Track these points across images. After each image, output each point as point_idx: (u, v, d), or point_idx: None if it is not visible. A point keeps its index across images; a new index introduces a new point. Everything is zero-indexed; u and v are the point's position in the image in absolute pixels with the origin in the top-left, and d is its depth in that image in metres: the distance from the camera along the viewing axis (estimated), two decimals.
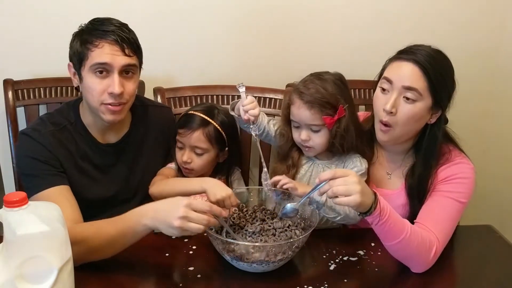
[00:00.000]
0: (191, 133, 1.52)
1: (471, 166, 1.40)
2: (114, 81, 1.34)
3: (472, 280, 1.30)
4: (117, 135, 1.50)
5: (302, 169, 1.52)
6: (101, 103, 1.36)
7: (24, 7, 1.84)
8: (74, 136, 1.44)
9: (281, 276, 1.25)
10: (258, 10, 1.98)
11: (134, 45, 1.37)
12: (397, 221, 1.21)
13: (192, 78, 1.98)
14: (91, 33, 1.34)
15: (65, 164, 1.40)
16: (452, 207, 1.34)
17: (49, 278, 0.98)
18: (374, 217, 1.18)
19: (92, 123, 1.45)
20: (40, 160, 1.35)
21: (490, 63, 2.18)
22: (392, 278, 1.26)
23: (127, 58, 1.35)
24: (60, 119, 1.44)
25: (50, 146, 1.37)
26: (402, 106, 1.33)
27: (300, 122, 1.42)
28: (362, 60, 2.03)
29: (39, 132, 1.38)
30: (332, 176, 1.16)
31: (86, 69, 1.34)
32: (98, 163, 1.47)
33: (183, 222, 1.14)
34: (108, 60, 1.33)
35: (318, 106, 1.38)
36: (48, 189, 1.32)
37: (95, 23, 1.37)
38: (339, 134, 1.41)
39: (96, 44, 1.32)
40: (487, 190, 2.24)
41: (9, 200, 0.95)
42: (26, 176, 1.38)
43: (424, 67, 1.31)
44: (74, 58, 1.37)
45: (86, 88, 1.36)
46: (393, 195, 1.47)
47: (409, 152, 1.47)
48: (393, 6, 2.05)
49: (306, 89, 1.40)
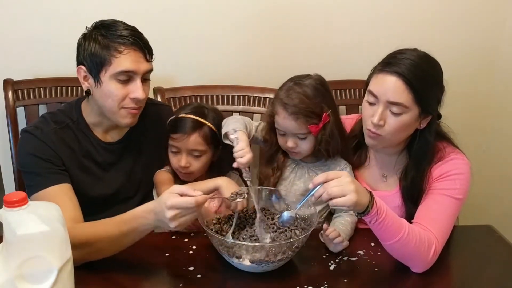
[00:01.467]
0: (187, 137, 1.49)
1: (466, 161, 1.39)
2: (138, 87, 1.35)
3: (472, 280, 1.30)
4: (119, 133, 1.51)
5: (286, 171, 1.54)
6: (122, 107, 1.37)
7: (24, 7, 1.84)
8: (77, 134, 1.44)
9: (281, 276, 1.25)
10: (258, 10, 1.98)
11: (151, 50, 1.39)
12: (394, 219, 1.21)
13: (192, 78, 1.98)
14: (112, 38, 1.32)
15: (68, 162, 1.40)
16: (449, 204, 1.34)
17: (49, 278, 0.98)
18: (371, 216, 1.18)
19: (97, 122, 1.45)
20: (42, 158, 1.35)
21: (490, 62, 2.18)
22: (392, 278, 1.26)
23: (148, 64, 1.38)
24: (63, 118, 1.44)
25: (52, 144, 1.37)
26: (389, 118, 1.33)
27: (286, 131, 1.43)
28: (362, 60, 2.01)
29: (41, 130, 1.38)
30: (325, 179, 1.16)
31: (107, 75, 1.33)
32: (100, 161, 1.48)
33: (176, 221, 1.15)
34: (134, 68, 1.33)
35: (303, 117, 1.39)
36: (50, 187, 1.33)
37: (107, 25, 1.35)
38: (324, 140, 1.43)
39: (121, 51, 1.32)
40: (487, 190, 2.24)
41: (9, 200, 0.95)
42: (27, 174, 1.38)
43: (408, 79, 1.28)
44: (89, 61, 1.34)
45: (105, 93, 1.35)
46: (390, 196, 1.46)
47: (402, 153, 1.46)
48: (393, 6, 2.05)
49: (290, 99, 1.39)
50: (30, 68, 1.89)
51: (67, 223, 1.16)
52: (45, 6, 1.85)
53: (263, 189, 1.46)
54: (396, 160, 1.47)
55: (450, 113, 1.42)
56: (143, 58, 1.36)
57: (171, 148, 1.53)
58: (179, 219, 1.15)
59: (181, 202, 1.14)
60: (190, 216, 1.16)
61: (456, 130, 1.46)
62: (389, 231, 1.21)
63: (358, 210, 1.18)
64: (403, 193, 1.43)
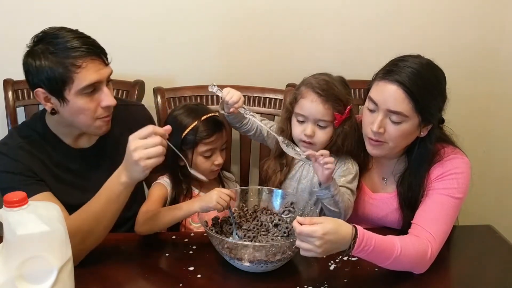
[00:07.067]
0: (219, 135, 1.50)
1: (465, 160, 1.39)
2: (107, 95, 1.32)
3: (472, 280, 1.30)
4: (90, 139, 1.47)
5: (293, 169, 1.53)
6: (96, 118, 1.34)
7: (24, 7, 1.84)
8: (45, 146, 1.40)
9: (281, 276, 1.25)
10: (258, 10, 1.98)
11: (104, 51, 1.33)
12: (384, 244, 1.20)
13: (192, 78, 1.98)
14: (64, 53, 1.25)
15: (41, 174, 1.36)
16: (448, 204, 1.33)
17: (49, 278, 0.98)
18: (357, 252, 1.17)
19: (66, 132, 1.41)
20: (15, 172, 1.32)
21: (490, 63, 2.18)
22: (392, 278, 1.26)
23: (108, 67, 1.33)
24: (28, 132, 1.40)
25: (21, 158, 1.34)
26: (389, 126, 1.32)
27: (310, 116, 1.41)
28: (362, 60, 2.03)
29: (8, 146, 1.36)
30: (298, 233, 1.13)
31: (72, 93, 1.28)
32: (75, 169, 1.44)
33: (139, 152, 1.15)
34: (98, 78, 1.29)
35: (332, 101, 1.39)
36: (31, 197, 1.26)
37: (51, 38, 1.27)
38: (343, 133, 1.42)
39: (79, 65, 1.25)
40: (487, 190, 2.25)
41: (9, 200, 0.95)
42: (4, 190, 1.27)
43: (409, 88, 1.27)
44: (47, 84, 1.27)
45: (75, 110, 1.31)
46: (389, 198, 1.46)
47: (401, 157, 1.46)
48: (392, 7, 2.04)
49: (320, 84, 1.40)
50: None
51: None
52: (45, 6, 1.84)
53: (263, 189, 1.46)
54: (395, 165, 1.46)
55: (450, 114, 1.41)
56: (102, 64, 1.30)
57: (204, 154, 1.50)
58: (143, 151, 1.14)
59: (141, 131, 1.17)
60: (154, 150, 1.15)
61: (456, 131, 1.46)
62: (381, 257, 1.21)
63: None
64: (399, 198, 1.43)
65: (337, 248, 1.15)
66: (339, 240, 1.14)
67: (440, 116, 1.38)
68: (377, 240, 1.18)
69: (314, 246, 1.12)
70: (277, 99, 1.92)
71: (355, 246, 1.15)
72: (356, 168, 1.47)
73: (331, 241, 1.12)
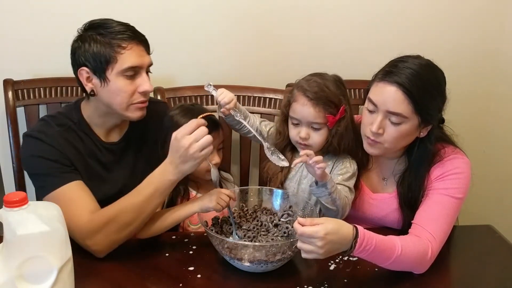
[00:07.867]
0: (215, 134, 1.48)
1: (466, 160, 1.39)
2: (146, 80, 1.38)
3: (472, 280, 1.30)
4: (119, 133, 1.51)
5: (293, 169, 1.53)
6: (131, 103, 1.38)
7: (24, 7, 1.84)
8: (80, 135, 1.44)
9: (281, 276, 1.25)
10: (258, 10, 1.98)
11: (148, 42, 1.40)
12: (385, 244, 1.20)
13: (192, 78, 1.98)
14: (112, 35, 1.33)
15: (75, 162, 1.40)
16: (448, 204, 1.34)
17: (49, 278, 0.98)
18: (358, 252, 1.17)
19: (99, 123, 1.46)
20: (51, 159, 1.35)
21: (490, 63, 2.18)
22: (392, 278, 1.26)
23: (149, 56, 1.40)
24: (64, 120, 1.43)
25: (59, 146, 1.37)
26: (388, 127, 1.32)
27: (302, 119, 1.42)
28: (362, 60, 2.03)
29: (45, 133, 1.38)
30: (300, 234, 1.13)
31: (114, 72, 1.34)
32: (103, 161, 1.48)
33: (193, 146, 1.20)
34: (140, 62, 1.35)
35: (322, 104, 1.38)
36: (63, 186, 1.32)
37: (100, 25, 1.35)
38: (338, 134, 1.42)
39: (124, 46, 1.33)
40: (487, 190, 2.24)
41: (9, 200, 0.95)
42: (37, 175, 1.37)
43: (408, 90, 1.27)
44: (92, 62, 1.33)
45: (113, 90, 1.35)
46: (389, 198, 1.46)
47: (401, 157, 1.46)
48: (392, 7, 2.05)
49: (310, 87, 1.40)
50: (30, 68, 1.89)
51: (88, 216, 1.26)
52: (45, 6, 1.85)
53: (263, 189, 1.46)
54: (395, 164, 1.46)
55: (450, 114, 1.41)
56: (144, 51, 1.38)
57: None
58: (195, 144, 1.19)
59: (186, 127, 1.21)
60: (205, 140, 1.20)
61: (456, 131, 1.46)
62: (381, 257, 1.21)
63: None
64: (399, 199, 1.43)
65: (338, 249, 1.15)
66: (341, 240, 1.14)
67: (440, 117, 1.38)
68: (377, 240, 1.18)
69: (316, 247, 1.12)
70: (277, 99, 1.93)
71: (356, 246, 1.15)
72: (354, 167, 1.47)
73: (333, 241, 1.13)
